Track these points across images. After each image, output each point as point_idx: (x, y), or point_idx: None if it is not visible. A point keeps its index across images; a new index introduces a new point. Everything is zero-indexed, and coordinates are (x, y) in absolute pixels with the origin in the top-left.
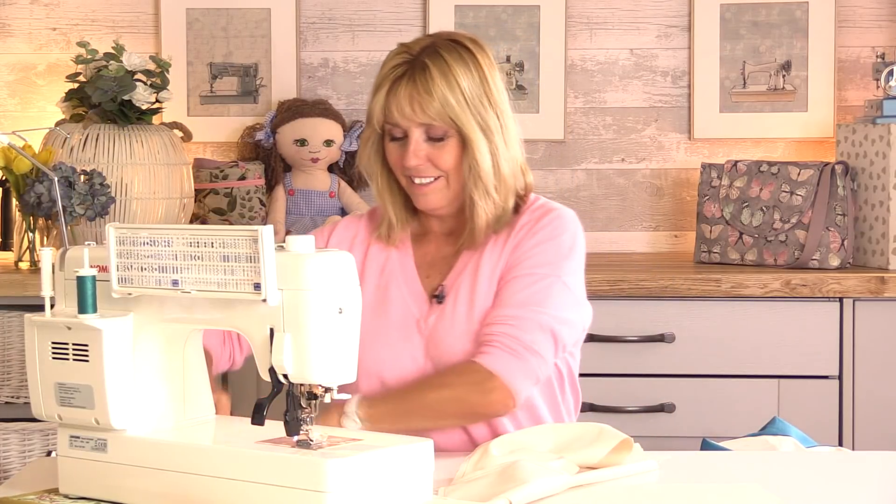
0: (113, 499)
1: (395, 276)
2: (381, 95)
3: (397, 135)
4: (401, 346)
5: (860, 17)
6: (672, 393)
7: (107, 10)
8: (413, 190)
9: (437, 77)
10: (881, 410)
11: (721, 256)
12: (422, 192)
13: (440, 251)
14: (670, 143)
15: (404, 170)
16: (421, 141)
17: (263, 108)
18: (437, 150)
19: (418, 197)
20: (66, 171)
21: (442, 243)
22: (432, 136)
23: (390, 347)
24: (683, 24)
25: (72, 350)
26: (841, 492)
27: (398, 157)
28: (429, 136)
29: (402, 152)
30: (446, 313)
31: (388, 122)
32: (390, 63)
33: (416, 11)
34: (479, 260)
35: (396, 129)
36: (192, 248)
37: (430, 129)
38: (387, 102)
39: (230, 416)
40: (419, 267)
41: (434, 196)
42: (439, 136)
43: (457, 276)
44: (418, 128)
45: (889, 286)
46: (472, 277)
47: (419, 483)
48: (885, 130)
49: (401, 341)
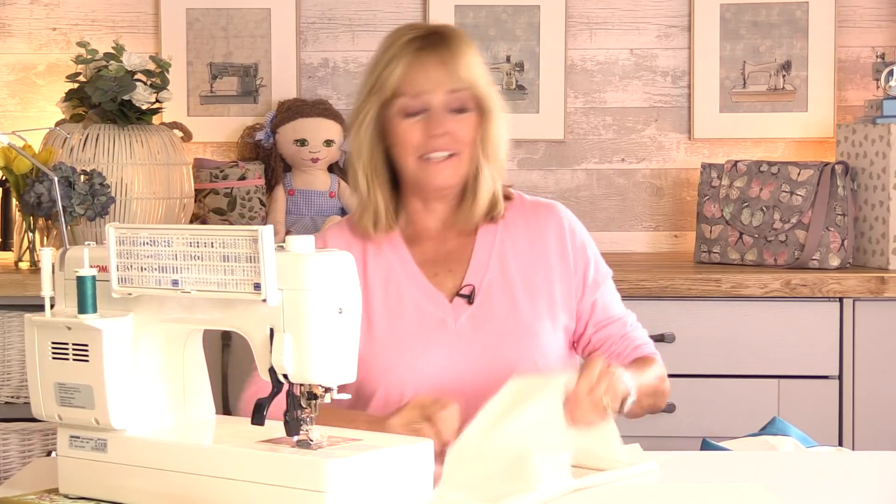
0: (113, 499)
1: (402, 281)
2: (399, 66)
3: (414, 109)
4: (425, 351)
5: (860, 17)
6: (672, 393)
7: (107, 10)
8: (426, 168)
9: (461, 46)
10: (881, 410)
11: (721, 256)
12: (437, 169)
13: (441, 247)
14: (670, 143)
15: (423, 146)
16: (444, 112)
17: (263, 108)
18: (458, 122)
19: (433, 175)
20: (66, 171)
21: (437, 239)
22: (453, 108)
23: (413, 353)
24: (683, 24)
25: (72, 350)
26: (841, 492)
27: (413, 133)
28: (449, 109)
29: (422, 126)
30: (482, 314)
31: (408, 92)
32: (402, 38)
33: (416, 11)
34: (501, 257)
35: (415, 103)
36: (192, 248)
37: (452, 100)
38: (409, 71)
39: (230, 416)
40: (422, 266)
41: (448, 172)
42: (459, 108)
43: (481, 275)
44: (442, 97)
45: (889, 286)
46: (501, 276)
47: (419, 483)
48: (885, 130)
49: (424, 346)
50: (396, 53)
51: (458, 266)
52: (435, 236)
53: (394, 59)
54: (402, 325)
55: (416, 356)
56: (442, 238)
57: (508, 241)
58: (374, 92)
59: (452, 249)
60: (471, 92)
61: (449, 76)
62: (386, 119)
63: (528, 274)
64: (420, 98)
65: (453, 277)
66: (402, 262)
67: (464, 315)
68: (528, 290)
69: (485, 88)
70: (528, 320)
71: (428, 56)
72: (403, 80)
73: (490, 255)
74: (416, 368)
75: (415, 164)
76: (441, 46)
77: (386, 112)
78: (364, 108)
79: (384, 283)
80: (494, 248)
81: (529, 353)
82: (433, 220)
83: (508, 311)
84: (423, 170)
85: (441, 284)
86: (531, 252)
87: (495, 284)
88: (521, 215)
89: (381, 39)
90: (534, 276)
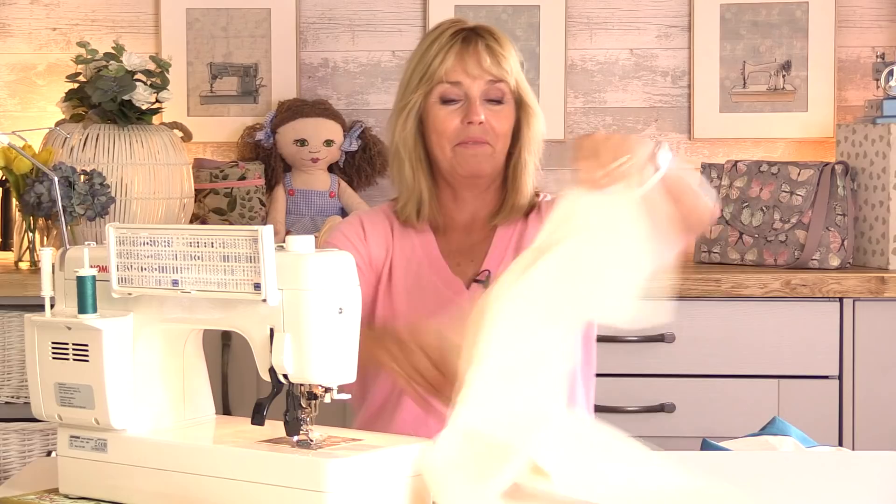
0: (113, 499)
1: (423, 265)
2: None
3: (453, 96)
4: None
5: (860, 17)
6: (672, 393)
7: (107, 10)
8: (461, 154)
9: (504, 41)
10: (881, 410)
11: (721, 256)
12: (472, 153)
13: (466, 239)
14: (670, 143)
15: (459, 133)
16: (482, 101)
17: (263, 108)
18: (494, 113)
19: (468, 159)
20: (66, 171)
21: (464, 232)
22: (491, 98)
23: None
24: (683, 24)
25: (72, 350)
26: (841, 492)
27: (451, 120)
28: (487, 98)
29: (460, 113)
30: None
31: (450, 79)
32: (448, 30)
33: (416, 11)
34: (518, 245)
35: (454, 91)
36: (192, 248)
37: (492, 90)
38: (458, 59)
39: (230, 416)
40: (446, 255)
41: (481, 160)
42: (497, 98)
43: (498, 261)
44: (482, 87)
45: (889, 286)
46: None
47: (419, 483)
48: (885, 130)
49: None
50: (445, 44)
51: (479, 255)
52: (461, 228)
53: (442, 50)
54: (420, 304)
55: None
56: (468, 230)
57: (528, 233)
58: (423, 82)
59: (477, 242)
60: (510, 85)
61: (492, 66)
62: (425, 107)
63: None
64: (460, 86)
65: (474, 266)
66: (427, 248)
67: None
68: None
69: (524, 84)
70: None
71: (475, 45)
72: (452, 68)
73: (509, 244)
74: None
75: (450, 152)
76: (488, 38)
77: (425, 101)
78: (411, 99)
79: (406, 263)
80: (514, 238)
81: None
82: (462, 212)
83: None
84: (458, 156)
85: (462, 273)
86: None
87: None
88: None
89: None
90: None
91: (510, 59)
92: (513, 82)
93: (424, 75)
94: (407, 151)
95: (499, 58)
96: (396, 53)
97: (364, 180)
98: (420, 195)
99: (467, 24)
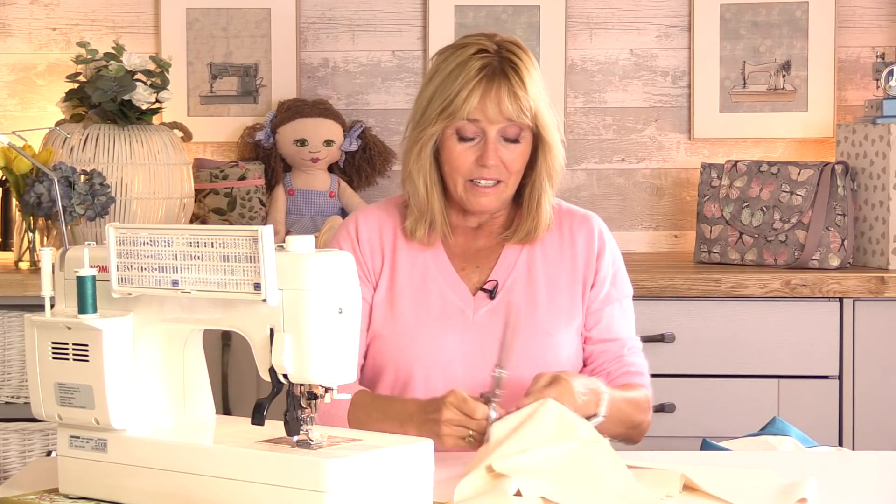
0: (113, 499)
1: (430, 269)
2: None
3: (470, 134)
4: (442, 335)
5: (860, 17)
6: (672, 393)
7: (107, 10)
8: (472, 191)
9: (529, 73)
10: (881, 410)
11: (721, 256)
12: (482, 194)
13: (471, 244)
14: (670, 143)
15: (473, 171)
16: (498, 141)
17: (263, 108)
18: (510, 151)
19: (477, 198)
20: (66, 171)
21: (470, 236)
22: (507, 137)
23: (429, 336)
24: (683, 24)
25: (72, 350)
26: (841, 492)
27: (466, 157)
28: (504, 137)
29: (475, 152)
30: (501, 309)
31: (470, 118)
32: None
33: (416, 11)
34: (529, 258)
35: (471, 128)
36: (192, 248)
37: (509, 129)
38: (483, 100)
39: (230, 416)
40: (452, 259)
41: (491, 198)
42: (514, 138)
43: (507, 273)
44: (498, 127)
45: (889, 286)
46: (526, 276)
47: (419, 483)
48: (885, 130)
49: (442, 330)
50: (471, 79)
51: (487, 263)
52: (468, 233)
53: (468, 86)
54: (423, 309)
55: (432, 339)
56: (475, 235)
57: (539, 245)
58: (444, 116)
59: (483, 247)
60: (531, 122)
61: (512, 111)
62: (441, 137)
63: (552, 277)
64: (478, 124)
65: (480, 273)
66: (434, 251)
67: (484, 308)
68: (550, 292)
69: (546, 119)
70: (545, 321)
71: (500, 86)
72: (476, 108)
73: (519, 256)
74: (429, 351)
75: (461, 187)
76: (511, 76)
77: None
78: (430, 129)
79: (411, 265)
80: (524, 250)
81: (542, 352)
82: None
83: (527, 310)
84: (469, 192)
85: (467, 278)
86: (559, 256)
87: (519, 283)
88: (555, 221)
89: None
90: (557, 280)
91: (531, 94)
92: (531, 121)
93: (446, 109)
94: (422, 177)
95: (520, 101)
96: (396, 53)
97: (364, 180)
98: (433, 216)
99: (492, 48)
